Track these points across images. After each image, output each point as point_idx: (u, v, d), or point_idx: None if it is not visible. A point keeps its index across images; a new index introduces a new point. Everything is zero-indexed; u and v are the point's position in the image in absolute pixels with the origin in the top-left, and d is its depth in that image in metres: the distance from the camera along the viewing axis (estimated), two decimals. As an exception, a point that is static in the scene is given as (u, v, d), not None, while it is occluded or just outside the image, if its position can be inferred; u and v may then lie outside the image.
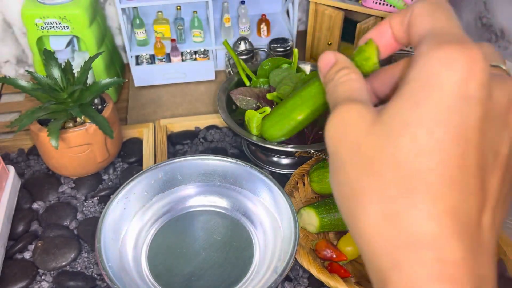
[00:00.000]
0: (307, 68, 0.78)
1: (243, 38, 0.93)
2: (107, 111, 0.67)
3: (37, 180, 0.71)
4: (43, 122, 0.67)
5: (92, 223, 0.64)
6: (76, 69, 0.67)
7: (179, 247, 0.60)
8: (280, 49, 0.93)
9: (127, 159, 0.75)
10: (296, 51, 0.72)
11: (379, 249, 0.19)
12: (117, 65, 0.95)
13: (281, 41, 0.94)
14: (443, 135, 0.18)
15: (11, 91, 0.95)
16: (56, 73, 0.64)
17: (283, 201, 0.58)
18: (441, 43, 0.19)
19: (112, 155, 0.72)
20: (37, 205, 0.67)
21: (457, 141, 0.19)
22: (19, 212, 0.66)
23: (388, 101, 0.21)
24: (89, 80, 0.79)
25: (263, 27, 0.99)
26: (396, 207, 0.19)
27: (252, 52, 0.92)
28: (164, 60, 0.95)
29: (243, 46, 0.92)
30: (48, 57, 0.64)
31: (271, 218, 0.61)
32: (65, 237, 0.62)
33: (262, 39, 1.00)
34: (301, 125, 0.57)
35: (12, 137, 0.80)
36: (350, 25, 0.89)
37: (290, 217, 0.56)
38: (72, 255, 0.60)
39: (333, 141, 0.22)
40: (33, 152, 0.76)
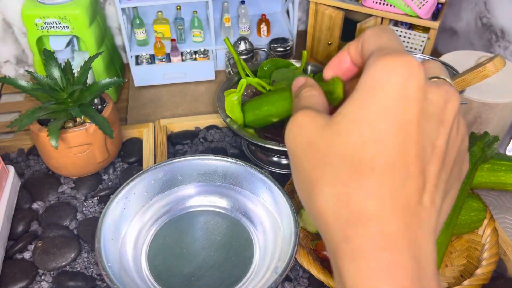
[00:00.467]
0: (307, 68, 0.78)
1: (243, 38, 0.93)
2: (107, 111, 0.67)
3: (37, 180, 0.71)
4: (43, 122, 0.67)
5: (92, 223, 0.64)
6: (76, 69, 0.67)
7: (179, 247, 0.60)
8: (280, 49, 0.93)
9: (127, 159, 0.75)
10: (305, 53, 0.72)
11: (332, 225, 0.23)
12: (117, 65, 0.95)
13: (281, 41, 0.94)
14: (384, 128, 0.22)
15: (11, 91, 0.95)
16: (56, 73, 0.64)
17: (283, 201, 0.58)
18: (384, 54, 0.23)
19: (112, 155, 0.72)
20: (37, 205, 0.67)
21: (397, 133, 0.22)
22: (19, 212, 0.66)
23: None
24: (89, 80, 0.79)
25: (263, 27, 0.99)
26: (346, 190, 0.22)
27: (252, 52, 0.92)
28: (164, 60, 0.95)
29: (243, 46, 0.92)
30: (48, 57, 0.64)
31: (271, 218, 0.61)
32: (65, 237, 0.62)
33: (262, 39, 1.00)
34: (268, 118, 0.62)
35: (12, 137, 0.80)
36: (350, 25, 0.89)
37: (290, 217, 0.56)
38: (72, 255, 0.60)
39: (290, 142, 0.26)
40: (33, 152, 0.76)
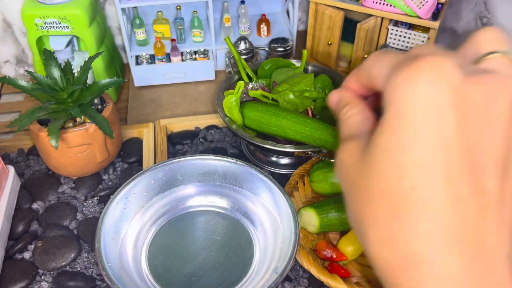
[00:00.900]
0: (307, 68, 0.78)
1: (243, 38, 0.93)
2: (107, 111, 0.67)
3: (37, 180, 0.71)
4: (43, 122, 0.67)
5: (92, 223, 0.64)
6: (76, 69, 0.67)
7: (179, 247, 0.60)
8: (280, 49, 0.93)
9: (127, 159, 0.75)
10: (305, 52, 0.73)
11: (383, 270, 0.21)
12: (117, 65, 0.95)
13: (281, 41, 0.94)
14: (420, 152, 0.19)
15: (11, 91, 0.95)
16: (56, 73, 0.64)
17: (283, 201, 0.58)
18: (399, 69, 0.20)
19: (112, 155, 0.72)
20: (37, 205, 0.67)
21: (437, 153, 0.18)
22: (19, 212, 0.66)
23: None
24: (89, 80, 0.79)
25: (263, 27, 0.99)
26: (389, 231, 0.20)
27: (252, 51, 0.92)
28: (164, 60, 0.94)
29: (243, 46, 0.92)
30: (48, 57, 0.64)
31: (271, 218, 0.61)
32: (65, 237, 0.62)
33: (262, 39, 0.99)
34: (272, 134, 0.65)
35: (12, 137, 0.80)
36: (350, 25, 0.89)
37: (290, 217, 0.56)
38: (72, 255, 0.60)
39: (338, 179, 0.24)
40: (33, 152, 0.76)
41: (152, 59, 0.95)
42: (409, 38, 0.85)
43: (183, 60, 0.95)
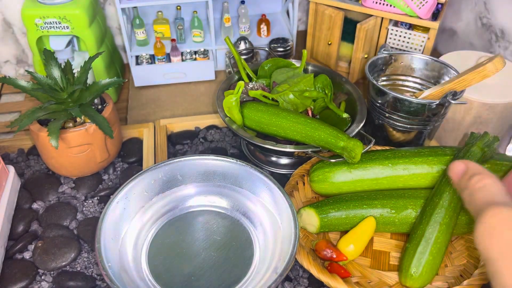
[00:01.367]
0: (307, 68, 0.78)
1: (243, 38, 0.93)
2: (107, 111, 0.67)
3: (37, 180, 0.71)
4: (43, 122, 0.67)
5: (92, 223, 0.64)
6: (76, 69, 0.67)
7: (179, 247, 0.60)
8: (280, 49, 0.93)
9: (127, 159, 0.75)
10: (305, 52, 0.73)
11: None
12: (117, 65, 0.95)
13: (281, 41, 0.94)
14: None
15: (11, 91, 0.95)
16: (56, 73, 0.64)
17: (283, 201, 0.58)
18: None
19: (112, 155, 0.72)
20: (37, 205, 0.67)
21: None
22: (19, 212, 0.66)
23: None
24: (89, 80, 0.79)
25: (263, 27, 0.99)
26: None
27: (252, 51, 0.92)
28: (164, 60, 0.95)
29: (243, 46, 0.92)
30: (48, 57, 0.64)
31: (271, 218, 0.61)
32: (65, 237, 0.62)
33: (262, 39, 1.00)
34: (272, 134, 0.66)
35: (12, 137, 0.80)
36: (350, 25, 0.89)
37: (290, 217, 0.56)
38: (72, 255, 0.60)
39: (484, 244, 0.24)
40: (33, 152, 0.76)
41: (152, 59, 0.95)
42: (409, 38, 0.85)
43: (183, 60, 0.96)
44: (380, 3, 0.83)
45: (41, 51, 0.82)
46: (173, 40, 0.93)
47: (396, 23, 0.87)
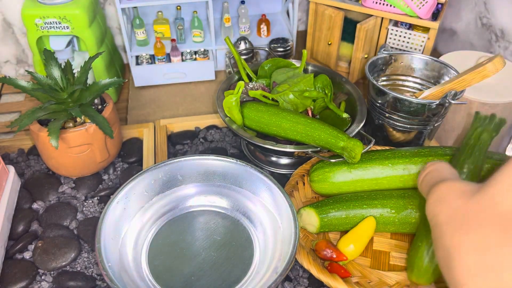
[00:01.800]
0: (307, 68, 0.78)
1: (243, 38, 0.93)
2: (107, 111, 0.67)
3: (37, 180, 0.71)
4: (43, 122, 0.67)
5: (92, 223, 0.64)
6: (76, 69, 0.67)
7: (179, 247, 0.60)
8: (280, 49, 0.93)
9: (127, 159, 0.75)
10: (305, 52, 0.73)
11: None
12: (117, 65, 0.95)
13: (281, 41, 0.94)
14: None
15: (11, 91, 0.95)
16: (56, 73, 0.64)
17: (283, 201, 0.58)
18: None
19: (112, 155, 0.72)
20: (37, 205, 0.67)
21: None
22: (19, 212, 0.66)
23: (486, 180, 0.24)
24: (89, 80, 0.79)
25: (263, 27, 0.99)
26: (494, 257, 0.21)
27: (252, 51, 0.92)
28: (164, 60, 0.95)
29: (243, 46, 0.92)
30: (48, 57, 0.64)
31: (271, 218, 0.61)
32: (65, 237, 0.62)
33: (262, 39, 1.00)
34: (272, 134, 0.65)
35: (12, 137, 0.80)
36: (350, 25, 0.89)
37: (290, 217, 0.56)
38: (72, 255, 0.60)
39: (433, 212, 0.25)
40: (33, 152, 0.76)
41: (152, 59, 0.95)
42: (409, 38, 0.85)
43: (183, 60, 0.96)
44: (380, 3, 0.83)
45: (41, 51, 0.82)
46: (173, 40, 0.93)
47: (396, 23, 0.87)
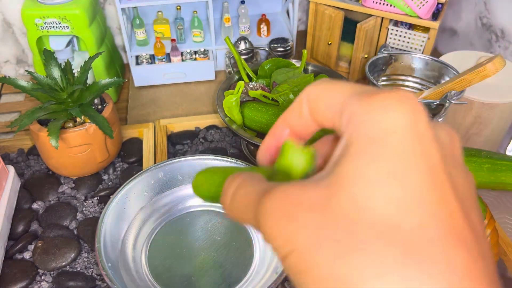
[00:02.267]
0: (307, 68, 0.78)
1: (243, 38, 0.93)
2: (107, 111, 0.67)
3: (37, 180, 0.71)
4: (43, 122, 0.67)
5: (92, 223, 0.64)
6: (76, 69, 0.67)
7: (179, 247, 0.60)
8: (280, 49, 0.93)
9: (127, 159, 0.75)
10: (305, 52, 0.73)
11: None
12: (117, 65, 0.95)
13: (281, 41, 0.94)
14: (414, 184, 0.16)
15: (11, 91, 0.95)
16: (56, 73, 0.64)
17: (283, 201, 0.58)
18: (371, 95, 0.17)
19: (112, 155, 0.72)
20: (37, 205, 0.67)
21: (432, 187, 0.16)
22: (19, 212, 0.66)
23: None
24: (89, 80, 0.78)
25: (263, 27, 0.99)
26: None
27: (252, 51, 0.92)
28: (164, 60, 0.95)
29: (243, 46, 0.92)
30: (48, 57, 0.64)
31: (271, 218, 0.60)
32: (65, 237, 0.62)
33: (262, 39, 0.99)
34: (266, 127, 0.64)
35: (12, 137, 0.80)
36: (350, 25, 0.89)
37: (290, 217, 0.56)
38: (72, 255, 0.60)
39: (282, 237, 0.17)
40: (33, 152, 0.76)
41: (152, 59, 0.95)
42: (409, 38, 0.85)
43: (183, 60, 0.96)
44: (380, 3, 0.83)
45: (41, 51, 0.82)
46: (173, 40, 0.93)
47: (396, 23, 0.87)
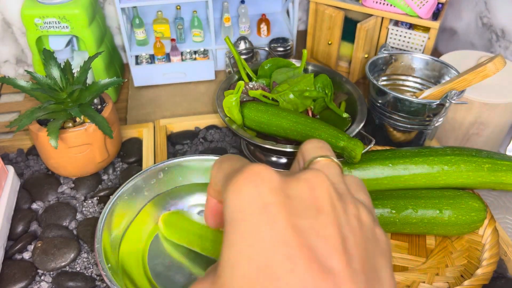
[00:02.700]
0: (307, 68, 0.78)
1: (243, 37, 0.93)
2: (107, 111, 0.67)
3: (36, 180, 0.71)
4: (42, 122, 0.66)
5: (91, 223, 0.64)
6: (75, 69, 0.67)
7: (180, 247, 0.60)
8: (280, 49, 0.93)
9: (126, 159, 0.75)
10: (305, 52, 0.73)
11: None
12: (117, 65, 0.95)
13: (281, 40, 0.94)
14: (263, 254, 0.19)
15: (11, 91, 0.95)
16: (55, 73, 0.64)
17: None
18: (228, 181, 0.21)
19: (111, 155, 0.72)
20: (36, 205, 0.67)
21: (278, 249, 0.19)
22: (19, 212, 0.66)
23: None
24: (89, 80, 0.78)
25: (263, 27, 0.99)
26: None
27: (252, 51, 0.92)
28: (163, 60, 0.94)
29: (243, 45, 0.92)
30: (47, 57, 0.63)
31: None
32: (65, 237, 0.62)
33: (262, 39, 0.99)
34: (272, 134, 0.65)
35: (11, 137, 0.80)
36: (350, 25, 0.89)
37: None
38: (71, 256, 0.60)
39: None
40: (33, 152, 0.76)
41: (152, 59, 0.95)
42: (409, 38, 0.85)
43: (183, 60, 0.95)
44: (380, 3, 0.83)
45: (40, 51, 0.82)
46: (173, 40, 0.93)
47: (396, 23, 0.87)
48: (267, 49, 0.82)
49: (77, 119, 0.66)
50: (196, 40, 0.97)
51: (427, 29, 0.83)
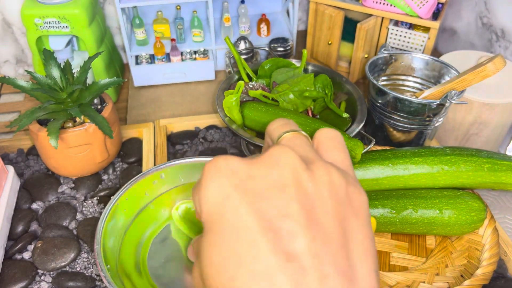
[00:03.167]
0: (307, 68, 0.78)
1: (243, 37, 0.93)
2: (107, 111, 0.67)
3: (36, 180, 0.71)
4: (42, 122, 0.66)
5: (91, 224, 0.64)
6: (75, 69, 0.67)
7: (180, 247, 0.60)
8: (280, 49, 0.93)
9: (126, 159, 0.75)
10: (305, 52, 0.73)
11: None
12: (117, 65, 0.95)
13: (281, 40, 0.94)
14: (232, 242, 0.20)
15: (11, 91, 0.95)
16: (55, 73, 0.64)
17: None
18: (193, 193, 0.24)
19: (111, 155, 0.72)
20: (36, 205, 0.67)
21: (240, 235, 0.20)
22: (19, 212, 0.66)
23: None
24: (89, 80, 0.79)
25: (263, 27, 0.99)
26: None
27: (252, 51, 0.92)
28: (163, 60, 0.94)
29: (243, 45, 0.92)
30: (47, 57, 0.63)
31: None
32: (65, 237, 0.62)
33: (262, 39, 0.99)
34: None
35: (11, 137, 0.80)
36: (350, 25, 0.89)
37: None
38: (71, 256, 0.60)
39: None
40: (33, 152, 0.76)
41: (152, 59, 0.95)
42: (409, 38, 0.85)
43: (183, 60, 0.95)
44: (380, 3, 0.83)
45: (40, 51, 0.82)
46: (173, 40, 0.93)
47: (396, 23, 0.87)
48: (267, 49, 0.82)
49: (77, 119, 0.66)
50: (196, 40, 0.97)
51: (427, 29, 0.83)
